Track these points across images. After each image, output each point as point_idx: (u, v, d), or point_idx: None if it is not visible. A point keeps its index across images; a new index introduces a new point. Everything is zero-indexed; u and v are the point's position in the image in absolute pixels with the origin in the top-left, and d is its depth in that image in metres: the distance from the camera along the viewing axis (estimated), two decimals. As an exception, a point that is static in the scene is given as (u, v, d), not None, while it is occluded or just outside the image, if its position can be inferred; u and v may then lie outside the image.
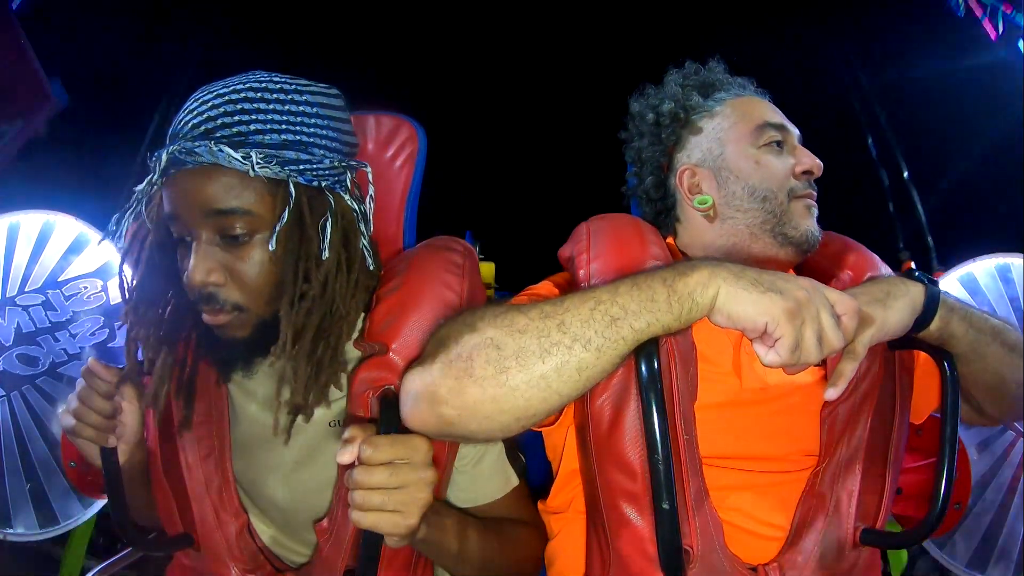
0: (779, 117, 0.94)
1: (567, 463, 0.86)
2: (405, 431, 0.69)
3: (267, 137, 0.74)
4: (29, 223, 1.60)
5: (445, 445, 0.80)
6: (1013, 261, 1.54)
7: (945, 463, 0.78)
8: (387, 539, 0.68)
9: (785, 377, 0.76)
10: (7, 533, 1.51)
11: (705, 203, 0.92)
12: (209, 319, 0.76)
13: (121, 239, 0.79)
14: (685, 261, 0.70)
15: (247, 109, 0.74)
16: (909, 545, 1.46)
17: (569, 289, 0.85)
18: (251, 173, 0.72)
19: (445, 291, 0.81)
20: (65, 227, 1.60)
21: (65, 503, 1.53)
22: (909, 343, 0.81)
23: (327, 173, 0.78)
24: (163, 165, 0.74)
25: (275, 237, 0.74)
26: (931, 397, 0.88)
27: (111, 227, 0.79)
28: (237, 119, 0.73)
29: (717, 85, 0.97)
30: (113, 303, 1.49)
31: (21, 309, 1.56)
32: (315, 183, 0.76)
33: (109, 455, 0.82)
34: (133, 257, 0.81)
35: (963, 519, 1.42)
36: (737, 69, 1.02)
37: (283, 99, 0.76)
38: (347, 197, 0.80)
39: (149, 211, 0.79)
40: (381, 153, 1.00)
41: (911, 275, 0.81)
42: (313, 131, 0.77)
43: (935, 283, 0.80)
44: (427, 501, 0.67)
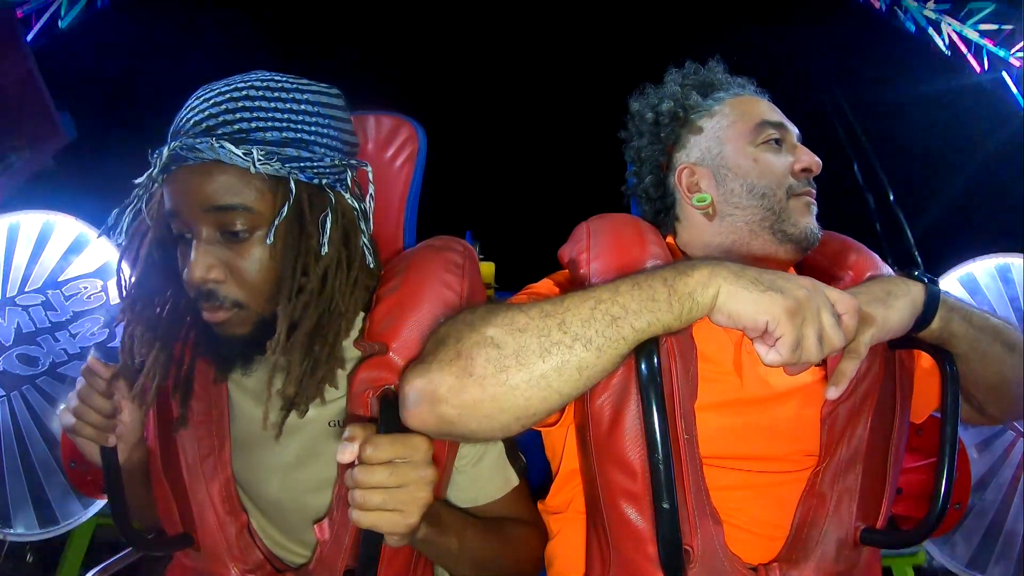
0: (778, 115, 0.94)
1: (567, 463, 0.86)
2: (405, 430, 0.69)
3: (268, 135, 0.74)
4: (29, 223, 1.60)
5: (445, 444, 0.80)
6: (1013, 261, 1.54)
7: (945, 463, 0.78)
8: (387, 538, 0.68)
9: (786, 377, 0.75)
10: (7, 533, 1.51)
11: (704, 201, 0.92)
12: (208, 316, 0.76)
13: (120, 235, 0.79)
14: (685, 260, 0.70)
15: (249, 107, 0.74)
16: (909, 545, 1.46)
17: (569, 287, 0.85)
18: (252, 170, 0.73)
19: (445, 291, 0.81)
20: (65, 227, 1.60)
21: (65, 503, 1.53)
22: (909, 343, 0.81)
23: (327, 171, 0.78)
24: (164, 161, 0.74)
25: (273, 231, 0.74)
26: (931, 397, 0.88)
27: (110, 222, 0.79)
28: (239, 116, 0.74)
29: (716, 84, 0.98)
30: (113, 303, 1.49)
31: (21, 309, 1.56)
32: (315, 181, 0.77)
33: (109, 454, 0.82)
34: (132, 254, 0.81)
35: (963, 519, 1.42)
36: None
37: (284, 97, 0.76)
38: (347, 195, 0.80)
39: (149, 208, 0.79)
40: (381, 153, 1.00)
41: (912, 274, 0.81)
42: (314, 129, 0.77)
43: (935, 283, 0.80)
44: (427, 500, 0.67)
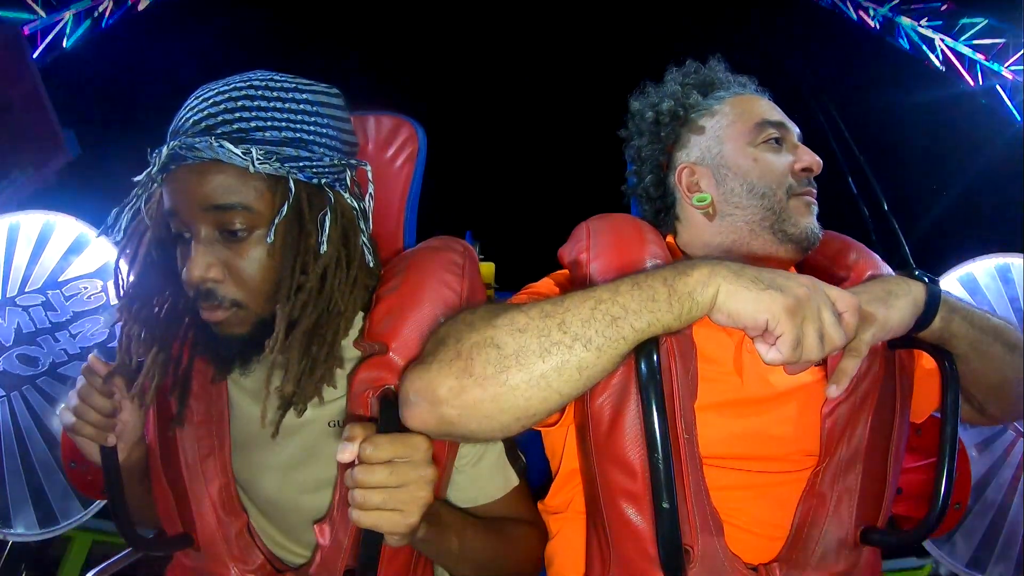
0: (778, 115, 0.94)
1: (567, 463, 0.86)
2: (405, 430, 0.69)
3: (267, 134, 0.74)
4: (29, 223, 1.60)
5: (445, 444, 0.80)
6: (1013, 261, 1.54)
7: (945, 463, 0.78)
8: (387, 538, 0.68)
9: (787, 377, 0.75)
10: (7, 533, 1.51)
11: (704, 201, 0.92)
12: (207, 316, 0.76)
13: (119, 234, 0.79)
14: (685, 260, 0.70)
15: (248, 106, 0.74)
16: (909, 544, 1.46)
17: (569, 287, 0.85)
18: (251, 169, 0.73)
19: (445, 291, 0.81)
20: (65, 227, 1.59)
21: (65, 503, 1.53)
22: (910, 342, 0.81)
23: (327, 171, 0.78)
24: (163, 160, 0.74)
25: (273, 229, 0.74)
26: (931, 397, 0.87)
27: (109, 221, 0.79)
28: (238, 116, 0.74)
29: (717, 84, 0.98)
30: (114, 303, 1.49)
31: (21, 309, 1.56)
32: (314, 180, 0.77)
33: (109, 454, 0.82)
34: (130, 253, 0.81)
35: (963, 519, 1.42)
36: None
37: (284, 97, 0.76)
38: (346, 195, 0.80)
39: (148, 207, 0.79)
40: (381, 153, 1.01)
41: (913, 274, 0.81)
42: (313, 129, 0.77)
43: (936, 282, 0.80)
44: (427, 500, 0.67)
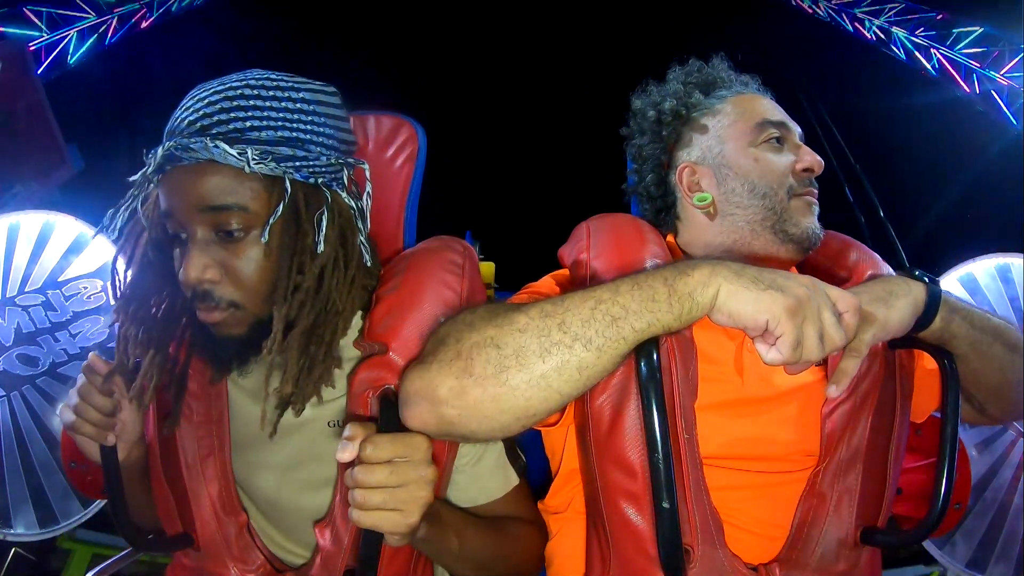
0: (780, 114, 0.94)
1: (567, 463, 0.85)
2: (405, 430, 0.69)
3: (263, 134, 0.74)
4: (29, 223, 1.60)
5: (445, 444, 0.80)
6: (1013, 261, 1.54)
7: (945, 463, 0.77)
8: (388, 538, 0.68)
9: (787, 377, 0.75)
10: (7, 533, 1.51)
11: (704, 200, 0.91)
12: (204, 317, 0.76)
13: (116, 235, 0.79)
14: (685, 260, 0.69)
15: (243, 106, 0.74)
16: (909, 545, 1.46)
17: (570, 286, 0.85)
18: (247, 169, 0.72)
19: (445, 290, 0.81)
20: (65, 227, 1.60)
21: (65, 503, 1.53)
22: (910, 342, 0.81)
23: (324, 170, 0.77)
24: (159, 161, 0.74)
25: (268, 229, 0.73)
26: (931, 397, 0.88)
27: (105, 222, 0.78)
28: (233, 116, 0.73)
29: (719, 83, 0.97)
30: (113, 303, 1.49)
31: (21, 309, 1.56)
32: (311, 180, 0.76)
33: (109, 453, 0.82)
34: (127, 254, 0.81)
35: (963, 519, 1.42)
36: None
37: (279, 96, 0.76)
38: (344, 194, 0.79)
39: (145, 208, 0.79)
40: (381, 153, 1.00)
41: (913, 274, 0.81)
42: (310, 128, 0.77)
43: (937, 283, 0.80)
44: (427, 499, 0.67)
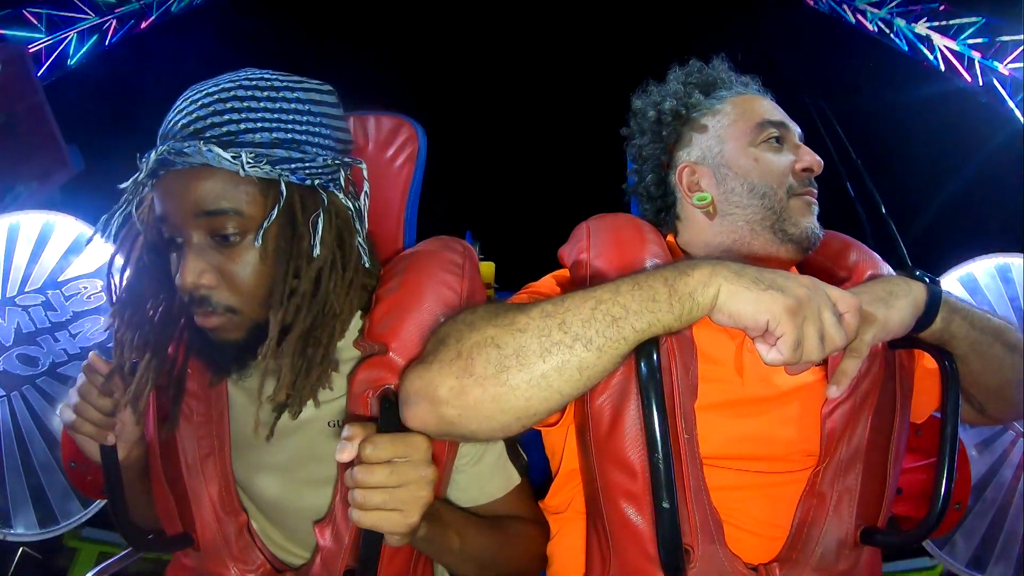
0: (779, 114, 0.94)
1: (567, 463, 0.86)
2: (405, 430, 0.69)
3: (257, 136, 0.73)
4: (29, 223, 1.60)
5: (445, 444, 0.80)
6: (1013, 261, 1.54)
7: (945, 463, 0.77)
8: (388, 538, 0.68)
9: (787, 377, 0.75)
10: (7, 533, 1.51)
11: (704, 200, 0.92)
12: (201, 322, 0.75)
13: (112, 239, 0.78)
14: (686, 260, 0.69)
15: (237, 108, 0.73)
16: (909, 544, 1.46)
17: (570, 286, 0.85)
18: (241, 173, 0.71)
19: (445, 290, 0.81)
20: (65, 227, 1.60)
21: (65, 503, 1.53)
22: (910, 343, 0.81)
23: (320, 171, 0.77)
24: (152, 166, 0.73)
25: (261, 234, 0.72)
26: (931, 397, 0.88)
27: (99, 227, 0.77)
28: (227, 118, 0.72)
29: (719, 83, 0.97)
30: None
31: (21, 309, 1.56)
32: (308, 182, 0.75)
33: (109, 452, 0.82)
34: (123, 259, 0.80)
35: (963, 519, 1.42)
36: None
37: (273, 96, 0.75)
38: (341, 195, 0.79)
39: (140, 212, 0.78)
40: (381, 153, 1.00)
41: (913, 274, 0.81)
42: (305, 128, 0.76)
43: (937, 283, 0.80)
44: (428, 499, 0.67)
